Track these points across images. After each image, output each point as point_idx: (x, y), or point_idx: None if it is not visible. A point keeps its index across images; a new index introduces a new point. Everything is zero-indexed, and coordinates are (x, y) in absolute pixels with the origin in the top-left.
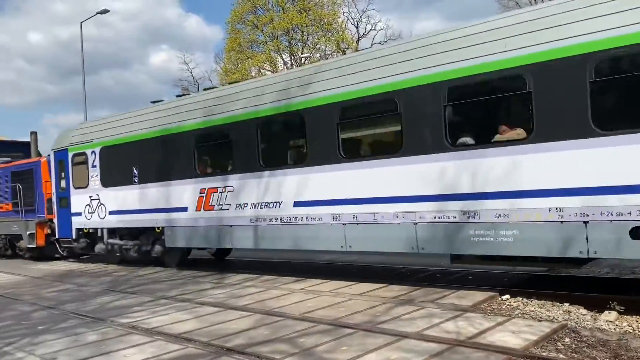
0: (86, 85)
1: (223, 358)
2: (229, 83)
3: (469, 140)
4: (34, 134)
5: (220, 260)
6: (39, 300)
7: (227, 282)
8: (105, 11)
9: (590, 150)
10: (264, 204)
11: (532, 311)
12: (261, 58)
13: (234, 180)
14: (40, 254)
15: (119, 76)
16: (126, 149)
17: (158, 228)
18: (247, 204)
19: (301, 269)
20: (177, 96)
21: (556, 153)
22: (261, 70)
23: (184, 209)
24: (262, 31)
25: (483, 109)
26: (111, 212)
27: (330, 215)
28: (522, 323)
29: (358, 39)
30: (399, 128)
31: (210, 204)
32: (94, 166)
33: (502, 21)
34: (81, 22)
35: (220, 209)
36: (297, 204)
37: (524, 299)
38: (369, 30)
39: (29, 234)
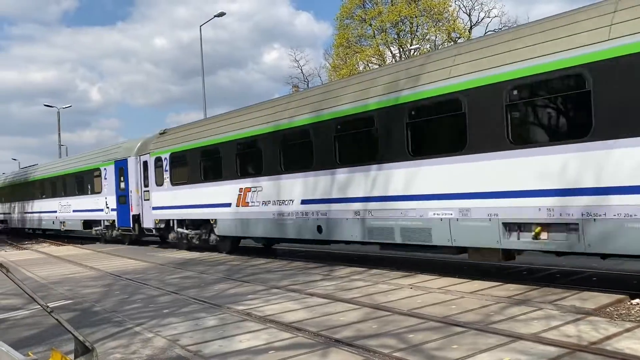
0: (205, 84)
1: (332, 349)
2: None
3: None
4: None
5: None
6: (163, 285)
7: (336, 274)
8: (221, 14)
9: None
10: None
11: None
12: (369, 52)
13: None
14: None
15: (234, 75)
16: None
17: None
18: None
19: (410, 265)
20: (28, 165)
21: None
22: (369, 65)
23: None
24: (370, 25)
25: None
26: None
27: None
28: None
29: (471, 27)
30: None
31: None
32: None
33: None
34: (200, 26)
35: None
36: None
37: None
38: (483, 18)
39: None
